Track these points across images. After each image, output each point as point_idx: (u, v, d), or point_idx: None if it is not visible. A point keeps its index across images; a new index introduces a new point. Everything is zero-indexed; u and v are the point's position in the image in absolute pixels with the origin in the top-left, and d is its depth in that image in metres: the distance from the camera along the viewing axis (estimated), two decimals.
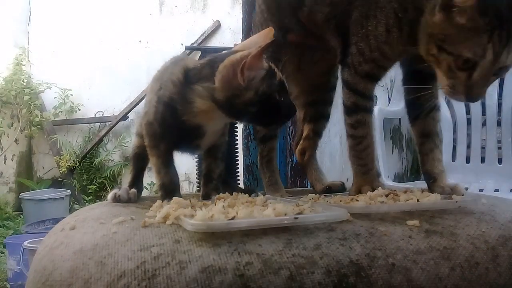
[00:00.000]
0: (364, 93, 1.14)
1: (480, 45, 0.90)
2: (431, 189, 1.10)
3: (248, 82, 0.95)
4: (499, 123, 2.03)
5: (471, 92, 0.94)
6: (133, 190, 1.18)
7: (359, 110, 1.15)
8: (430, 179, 1.13)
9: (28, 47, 4.72)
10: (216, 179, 1.15)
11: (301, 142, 1.45)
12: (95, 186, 4.29)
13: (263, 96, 0.96)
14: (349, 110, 1.16)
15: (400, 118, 2.96)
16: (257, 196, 1.03)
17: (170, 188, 1.07)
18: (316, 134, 1.43)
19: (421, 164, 1.17)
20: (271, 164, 1.38)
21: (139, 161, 1.26)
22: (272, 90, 0.97)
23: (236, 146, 1.73)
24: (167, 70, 1.11)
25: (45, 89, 4.53)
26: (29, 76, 4.56)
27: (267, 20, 1.33)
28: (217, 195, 1.01)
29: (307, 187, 1.69)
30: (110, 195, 1.16)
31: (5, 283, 2.63)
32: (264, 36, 1.06)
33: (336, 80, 1.36)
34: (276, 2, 1.31)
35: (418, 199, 0.93)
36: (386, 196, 0.98)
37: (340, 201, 1.01)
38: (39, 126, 4.48)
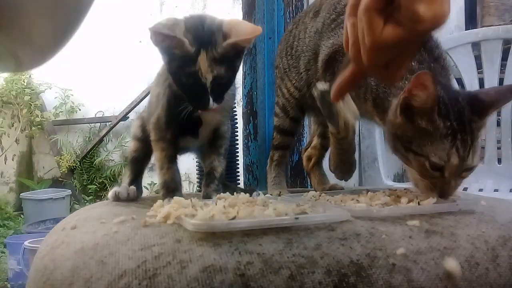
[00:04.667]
0: None
1: (444, 150, 0.90)
2: None
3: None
4: (498, 124, 2.03)
5: (445, 191, 0.94)
6: (132, 187, 1.19)
7: None
8: None
9: None
10: (218, 179, 1.15)
11: (308, 149, 1.51)
12: (95, 186, 4.29)
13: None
14: None
15: None
16: (258, 195, 1.03)
17: (171, 186, 1.07)
18: (323, 147, 1.49)
19: None
20: (279, 167, 1.42)
21: (137, 165, 1.26)
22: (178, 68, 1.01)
23: (236, 146, 1.73)
24: None
25: (45, 89, 4.53)
26: (30, 76, 4.56)
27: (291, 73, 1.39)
28: (218, 195, 1.01)
29: (307, 187, 1.69)
30: (110, 193, 1.17)
31: (5, 282, 2.63)
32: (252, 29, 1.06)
33: None
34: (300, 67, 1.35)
35: (419, 202, 0.93)
36: (388, 196, 0.98)
37: (341, 201, 1.01)
38: (39, 126, 4.48)
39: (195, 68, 0.99)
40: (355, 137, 1.25)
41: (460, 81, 2.03)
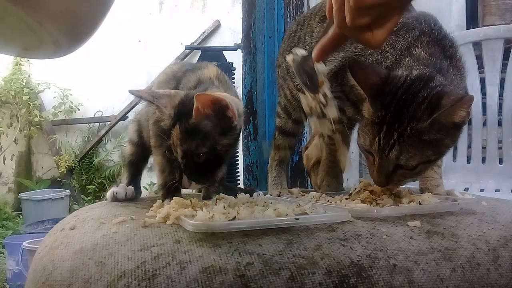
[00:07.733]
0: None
1: (369, 136, 0.93)
2: None
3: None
4: (499, 123, 2.03)
5: (375, 178, 0.96)
6: (130, 186, 1.19)
7: None
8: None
9: None
10: (218, 183, 1.15)
11: (309, 148, 1.50)
12: (94, 186, 4.28)
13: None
14: None
15: None
16: (259, 195, 1.03)
17: (171, 187, 1.07)
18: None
19: (420, 183, 1.19)
20: (279, 167, 1.42)
21: (134, 167, 1.26)
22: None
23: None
24: (186, 75, 1.11)
25: (44, 88, 4.52)
26: (28, 75, 4.55)
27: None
28: (217, 196, 1.01)
29: (308, 187, 1.69)
30: (108, 193, 1.17)
31: (4, 283, 2.63)
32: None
33: None
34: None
35: (419, 202, 0.93)
36: (390, 194, 0.98)
37: (341, 201, 1.01)
38: (38, 126, 4.48)
39: (170, 141, 0.97)
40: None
41: None
